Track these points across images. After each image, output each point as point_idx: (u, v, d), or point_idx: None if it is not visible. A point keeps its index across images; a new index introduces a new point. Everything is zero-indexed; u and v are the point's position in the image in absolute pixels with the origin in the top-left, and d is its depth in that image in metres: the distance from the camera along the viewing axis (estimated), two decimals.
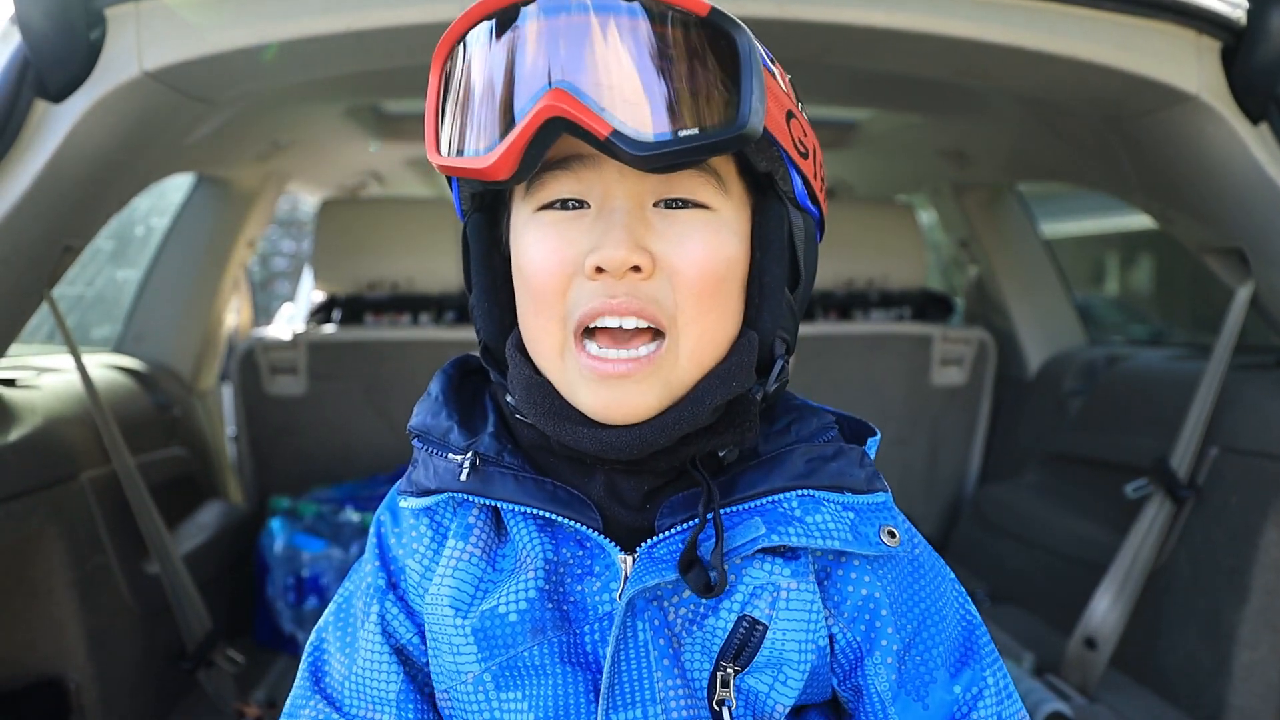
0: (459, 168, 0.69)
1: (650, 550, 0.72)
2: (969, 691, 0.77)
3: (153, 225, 2.85)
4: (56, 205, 1.41)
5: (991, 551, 2.69)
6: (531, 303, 0.73)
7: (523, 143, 0.65)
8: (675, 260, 0.70)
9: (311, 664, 0.83)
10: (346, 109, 2.55)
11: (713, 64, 0.66)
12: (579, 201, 0.72)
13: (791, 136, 0.74)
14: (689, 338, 0.71)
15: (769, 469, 0.76)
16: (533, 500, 0.73)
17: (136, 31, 1.36)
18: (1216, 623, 1.78)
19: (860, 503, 0.76)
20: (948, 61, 1.64)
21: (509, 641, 0.73)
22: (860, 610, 0.76)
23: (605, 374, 0.70)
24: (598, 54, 0.65)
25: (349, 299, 2.66)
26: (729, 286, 0.73)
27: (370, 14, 1.36)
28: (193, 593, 1.82)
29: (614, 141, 0.64)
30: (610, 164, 0.69)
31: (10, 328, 1.53)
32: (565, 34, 0.65)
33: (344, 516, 2.32)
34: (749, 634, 0.73)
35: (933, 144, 2.79)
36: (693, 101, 0.66)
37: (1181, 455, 1.88)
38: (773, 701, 0.74)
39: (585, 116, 0.64)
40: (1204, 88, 1.52)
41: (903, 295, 2.85)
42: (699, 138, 0.65)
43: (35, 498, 1.52)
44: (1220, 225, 1.77)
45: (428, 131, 0.71)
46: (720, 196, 0.72)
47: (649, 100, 0.65)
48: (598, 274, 0.69)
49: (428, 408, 0.81)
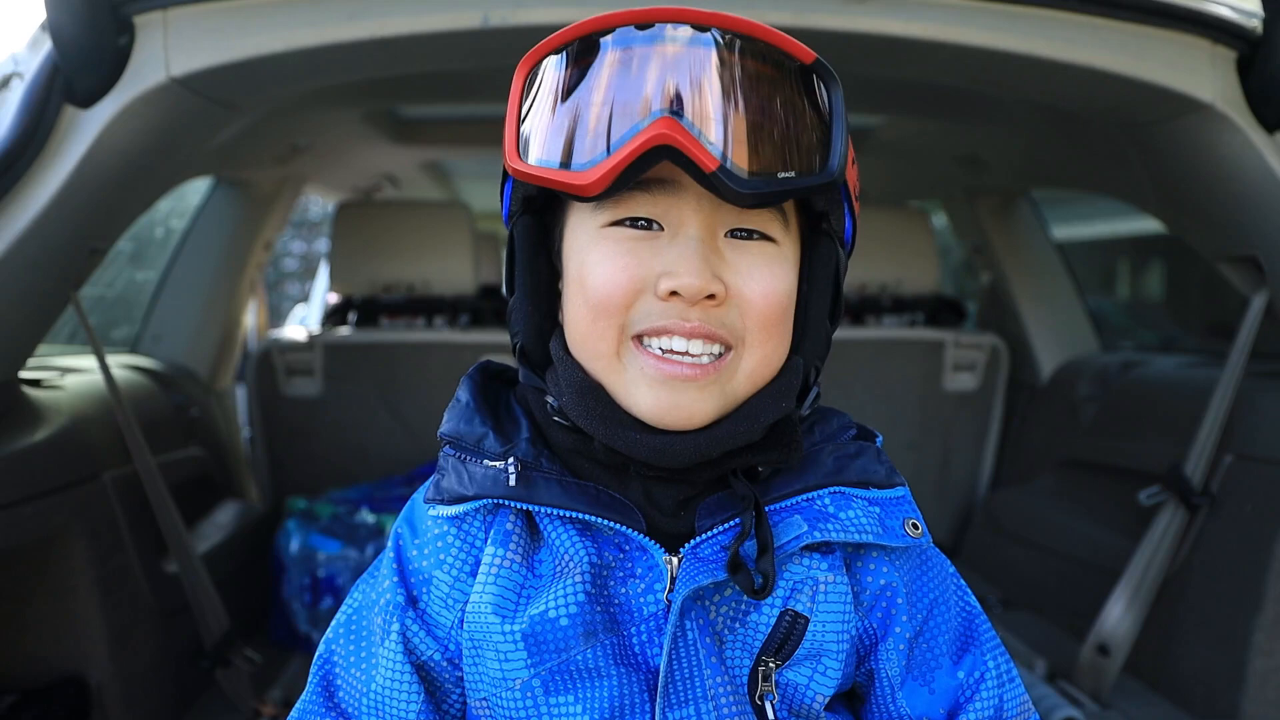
0: (546, 177, 0.71)
1: (694, 550, 0.74)
2: (971, 676, 0.80)
3: (172, 227, 2.88)
4: (83, 208, 1.43)
5: (1003, 557, 2.69)
6: (589, 311, 0.74)
7: (625, 164, 0.68)
8: (746, 291, 0.73)
9: (322, 676, 0.82)
10: (364, 113, 2.57)
11: (810, 110, 0.70)
12: (649, 222, 0.73)
13: (853, 180, 0.78)
14: (752, 359, 0.74)
15: (801, 468, 0.78)
16: (578, 505, 0.74)
17: (164, 38, 1.38)
18: (1231, 630, 1.77)
19: (883, 497, 0.79)
20: (964, 70, 1.65)
21: (561, 645, 0.73)
22: (878, 598, 0.79)
23: (669, 375, 0.71)
24: (708, 88, 0.67)
25: (365, 301, 2.69)
26: (788, 317, 0.76)
27: (394, 21, 1.38)
28: (211, 592, 1.84)
29: (720, 176, 0.67)
30: (689, 192, 0.71)
31: (38, 329, 1.55)
32: (677, 64, 0.68)
33: (359, 518, 2.34)
34: (791, 628, 0.74)
35: (947, 150, 2.80)
36: (793, 145, 0.69)
37: (1196, 462, 1.88)
38: (812, 693, 0.76)
39: (695, 149, 0.66)
40: (1219, 96, 1.53)
41: (916, 300, 2.86)
42: (795, 181, 0.69)
43: (59, 496, 1.54)
44: (1235, 233, 1.77)
45: (508, 136, 0.72)
46: (783, 231, 0.76)
47: (753, 140, 0.68)
48: (671, 297, 0.71)
49: (459, 414, 0.80)
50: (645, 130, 0.67)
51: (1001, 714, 0.80)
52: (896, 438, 2.80)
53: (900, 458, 2.82)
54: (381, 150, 3.03)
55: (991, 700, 0.80)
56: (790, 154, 0.69)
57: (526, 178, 0.72)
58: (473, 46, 1.44)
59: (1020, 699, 0.82)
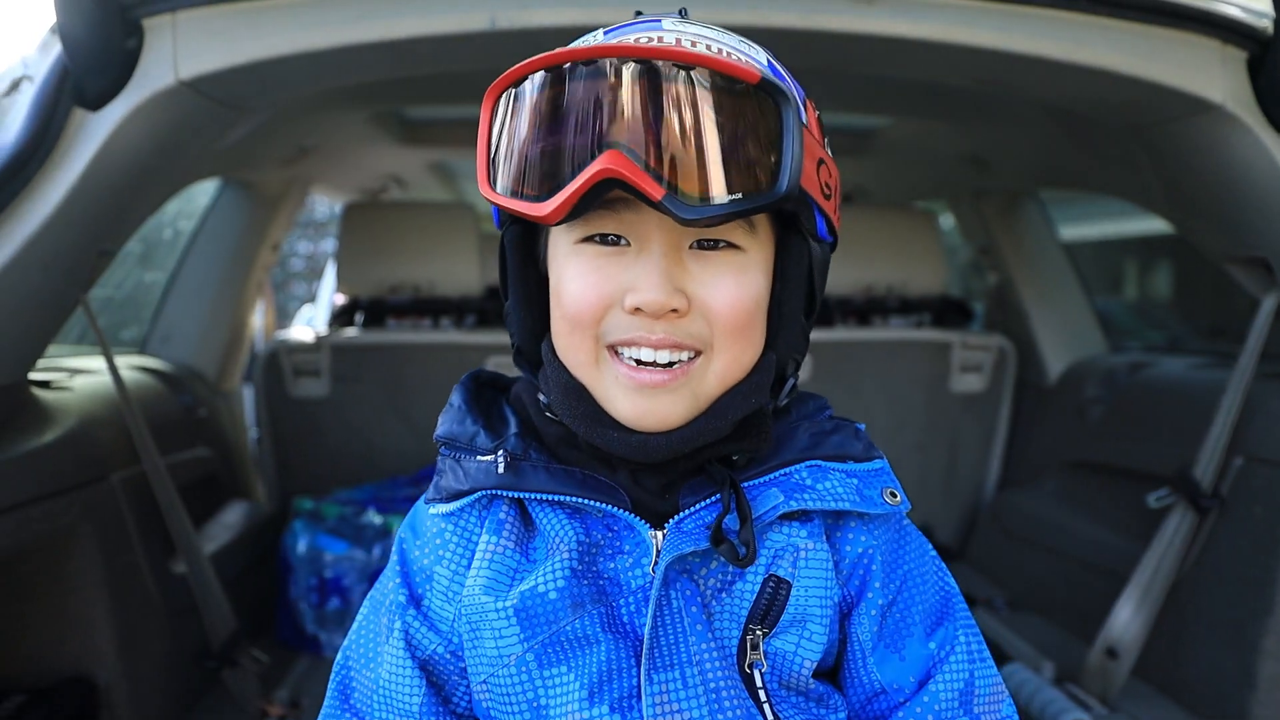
0: (513, 209, 0.75)
1: (678, 524, 0.78)
2: (943, 648, 0.83)
3: (180, 228, 2.89)
4: (93, 210, 1.44)
5: (1010, 559, 2.68)
6: (566, 323, 0.79)
7: (576, 197, 0.71)
8: (710, 301, 0.77)
9: (340, 683, 0.87)
10: (371, 114, 2.58)
11: (761, 130, 0.72)
12: (618, 236, 0.78)
13: (819, 182, 0.79)
14: (720, 362, 0.78)
15: (777, 445, 0.83)
16: (565, 488, 0.79)
17: (173, 41, 1.39)
18: (1241, 634, 1.77)
19: (861, 469, 0.83)
20: (970, 70, 1.64)
21: (551, 618, 0.77)
22: (856, 566, 0.83)
23: (641, 383, 0.77)
24: (651, 119, 0.70)
25: (371, 302, 2.69)
26: (757, 319, 0.80)
27: (401, 23, 1.39)
28: (218, 592, 1.84)
29: (665, 204, 0.70)
30: (651, 212, 0.74)
31: (48, 330, 1.56)
32: (625, 95, 0.70)
33: (366, 518, 2.34)
34: (775, 593, 0.78)
35: (953, 150, 2.79)
36: (740, 169, 0.71)
37: (1205, 465, 1.87)
38: (799, 660, 0.80)
39: (640, 180, 0.69)
40: (1229, 97, 1.52)
41: (922, 301, 2.85)
42: (742, 203, 0.71)
43: (68, 497, 1.55)
44: (1244, 234, 1.76)
45: (479, 167, 0.77)
46: (750, 237, 0.79)
47: (699, 168, 0.71)
48: (636, 312, 0.75)
49: (452, 417, 0.86)
50: (592, 165, 0.70)
51: (972, 689, 0.82)
52: (903, 439, 2.80)
53: (907, 459, 2.82)
54: (388, 151, 3.03)
55: (961, 673, 0.82)
56: (739, 177, 0.71)
57: (497, 205, 0.77)
58: (480, 48, 1.44)
59: (992, 679, 0.84)
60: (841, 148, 3.01)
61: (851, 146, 3.01)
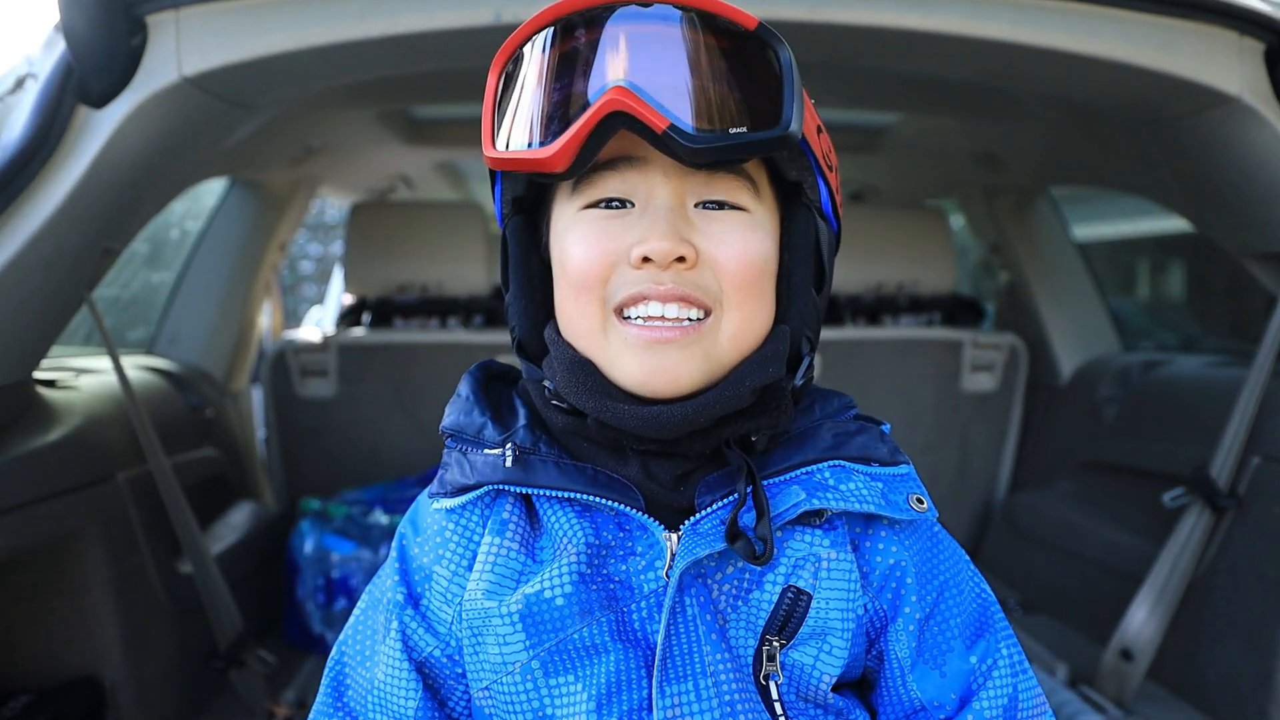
0: (517, 159, 0.74)
1: (695, 526, 0.75)
2: (984, 662, 0.80)
3: (188, 229, 2.89)
4: (97, 209, 1.43)
5: (1023, 560, 2.65)
6: (571, 289, 0.77)
7: (583, 135, 0.71)
8: (717, 254, 0.75)
9: (334, 679, 0.84)
10: (378, 113, 2.57)
11: (759, 73, 0.73)
12: (622, 202, 0.76)
13: (820, 149, 0.80)
14: (731, 321, 0.76)
15: (800, 443, 0.80)
16: (575, 485, 0.75)
17: (176, 38, 1.38)
18: (1259, 635, 1.74)
19: (886, 473, 0.79)
20: (982, 64, 1.62)
21: (558, 625, 0.74)
22: (887, 578, 0.79)
23: (650, 339, 0.73)
24: (657, 57, 0.71)
25: (379, 302, 2.69)
26: (765, 281, 0.78)
27: (405, 19, 1.38)
28: (225, 592, 1.83)
29: (670, 134, 0.70)
30: (655, 167, 0.75)
31: (52, 329, 1.55)
32: (627, 39, 0.72)
33: (373, 518, 2.34)
34: (794, 605, 0.75)
35: (964, 147, 2.76)
36: (742, 104, 0.72)
37: (1221, 464, 1.85)
38: (818, 674, 0.76)
39: (645, 111, 0.70)
40: (1246, 89, 1.50)
41: (933, 300, 2.82)
42: (748, 135, 0.71)
43: (74, 497, 1.55)
44: (1263, 229, 1.73)
45: (485, 129, 0.76)
46: (754, 200, 0.78)
47: (703, 100, 0.71)
48: (644, 263, 0.73)
49: (459, 407, 0.83)
50: (599, 100, 0.70)
51: (1016, 704, 0.79)
52: (914, 439, 2.77)
53: (918, 460, 2.75)
54: (395, 151, 3.03)
55: (1005, 689, 0.79)
56: (741, 111, 0.72)
57: (500, 164, 0.76)
58: (485, 44, 1.42)
59: (1035, 693, 0.81)
60: (851, 145, 2.99)
61: (861, 144, 2.98)
